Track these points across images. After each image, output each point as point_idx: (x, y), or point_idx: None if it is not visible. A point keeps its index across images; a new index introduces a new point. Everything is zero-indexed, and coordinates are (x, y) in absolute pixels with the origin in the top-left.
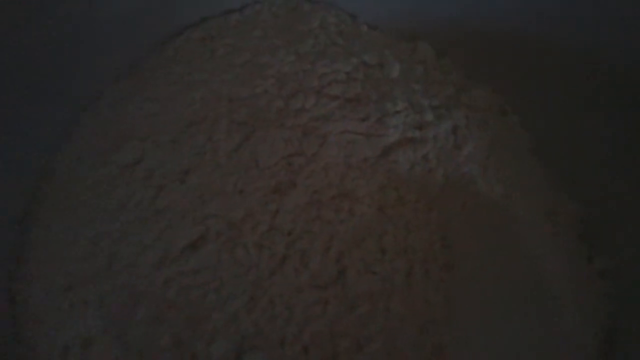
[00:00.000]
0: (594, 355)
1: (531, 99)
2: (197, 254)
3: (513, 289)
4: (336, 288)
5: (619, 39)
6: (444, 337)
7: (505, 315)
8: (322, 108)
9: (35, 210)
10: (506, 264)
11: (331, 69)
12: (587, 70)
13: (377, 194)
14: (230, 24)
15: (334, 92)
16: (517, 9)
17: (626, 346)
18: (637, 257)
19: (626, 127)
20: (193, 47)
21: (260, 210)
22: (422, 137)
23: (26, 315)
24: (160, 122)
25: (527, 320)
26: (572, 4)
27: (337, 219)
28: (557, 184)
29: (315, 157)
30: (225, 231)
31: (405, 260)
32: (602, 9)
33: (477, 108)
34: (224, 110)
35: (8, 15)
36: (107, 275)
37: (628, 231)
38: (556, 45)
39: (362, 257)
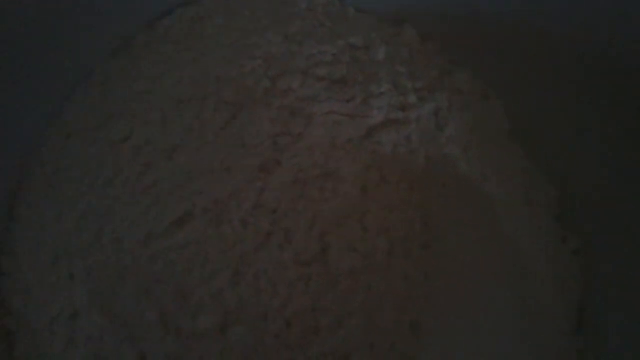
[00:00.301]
0: (567, 327)
1: (513, 84)
2: (183, 230)
3: (490, 267)
4: (319, 265)
5: (600, 27)
6: (423, 313)
7: (482, 292)
8: (308, 89)
9: (25, 185)
10: (484, 243)
11: (318, 50)
12: (568, 56)
13: (360, 174)
14: (220, 4)
15: (320, 74)
16: None
17: (596, 318)
18: (607, 236)
19: (603, 114)
20: (183, 27)
21: (246, 188)
22: (405, 119)
23: (14, 288)
24: (150, 100)
25: (504, 296)
26: None
27: (321, 198)
28: (535, 168)
29: (300, 137)
30: (211, 208)
31: (386, 238)
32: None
33: (459, 91)
34: (212, 90)
35: None
36: (94, 250)
37: (600, 213)
38: (538, 32)
39: (345, 235)
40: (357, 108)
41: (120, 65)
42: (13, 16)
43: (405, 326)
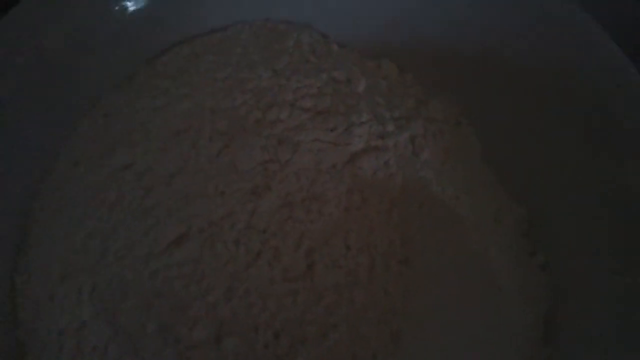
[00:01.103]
0: (536, 336)
1: (484, 111)
2: (181, 249)
3: (463, 281)
4: (305, 281)
5: (571, 55)
6: (402, 324)
7: (456, 305)
8: (295, 119)
9: (36, 209)
10: (456, 258)
11: (304, 84)
12: (536, 84)
13: (343, 197)
14: (214, 42)
15: (306, 105)
16: (472, 30)
17: (564, 330)
18: (573, 252)
19: (569, 137)
20: (180, 63)
21: (239, 210)
22: (384, 146)
23: (26, 303)
24: (150, 130)
25: (476, 309)
26: (520, 23)
27: (308, 219)
28: (505, 189)
29: (288, 163)
30: (206, 229)
31: (367, 255)
32: (546, 27)
33: (434, 119)
34: (206, 121)
35: (9, 32)
36: (99, 267)
37: (566, 230)
38: (507, 63)
39: (329, 253)
40: (340, 136)
41: (122, 98)
42: (26, 52)
43: (386, 336)
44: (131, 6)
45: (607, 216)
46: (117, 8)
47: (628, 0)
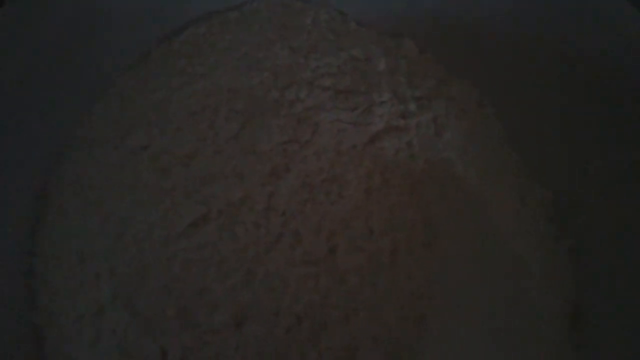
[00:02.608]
0: (563, 323)
1: (506, 92)
2: (199, 232)
3: (487, 266)
4: (327, 264)
5: (590, 36)
6: (426, 309)
7: (480, 289)
8: (314, 99)
9: (51, 191)
10: (480, 242)
11: (323, 62)
12: (560, 64)
13: (364, 178)
14: (230, 20)
15: (325, 84)
16: (494, 9)
17: (591, 317)
18: (600, 237)
19: (595, 118)
20: (196, 41)
21: (258, 192)
22: (405, 126)
23: (43, 287)
24: (166, 110)
25: (501, 293)
26: (545, 3)
27: (328, 201)
28: (529, 171)
29: (308, 143)
30: (225, 211)
31: (390, 238)
32: (574, 6)
33: (456, 100)
34: (223, 100)
35: (23, 13)
36: (117, 250)
37: (593, 214)
38: (530, 42)
39: (351, 235)
40: (360, 116)
41: (138, 78)
42: (42, 35)
43: (409, 321)
44: None
45: (636, 198)
46: None
47: None
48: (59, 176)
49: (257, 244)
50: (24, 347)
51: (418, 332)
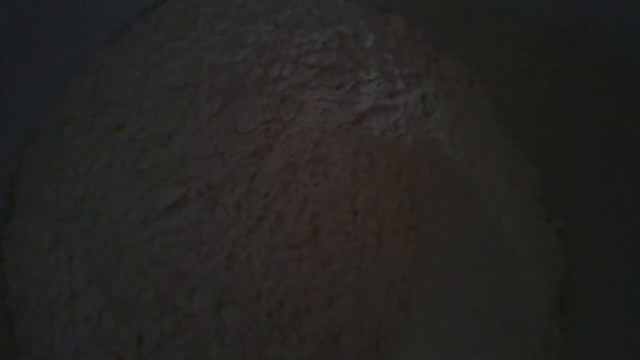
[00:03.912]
0: (550, 305)
1: (497, 70)
2: (179, 214)
3: (475, 247)
4: (310, 247)
5: (584, 13)
6: (411, 292)
7: (467, 272)
8: (299, 76)
9: (23, 171)
10: (468, 224)
11: (308, 38)
12: (552, 43)
13: (350, 159)
14: None
15: (310, 61)
16: None
17: (578, 300)
18: (590, 218)
19: (587, 98)
20: (176, 16)
21: (239, 173)
22: (393, 105)
23: (14, 271)
24: (144, 88)
25: (487, 275)
26: None
27: (312, 182)
28: (519, 151)
29: (292, 123)
30: (205, 192)
31: (375, 220)
32: None
33: (445, 78)
34: (204, 77)
35: None
36: (92, 233)
37: (583, 195)
38: (522, 19)
39: (335, 218)
40: (347, 95)
41: (114, 54)
42: (9, 7)
43: (394, 304)
44: None
45: (626, 180)
46: None
47: None
48: (31, 156)
49: (238, 226)
50: None
51: (403, 316)
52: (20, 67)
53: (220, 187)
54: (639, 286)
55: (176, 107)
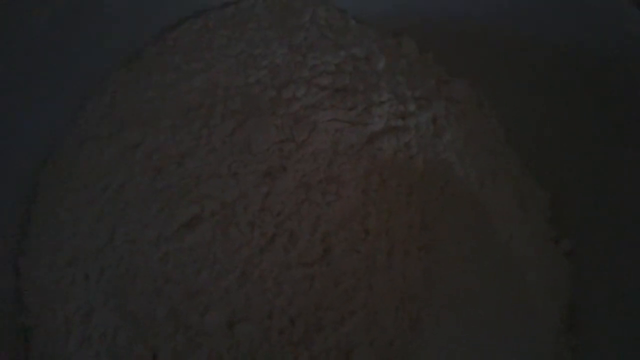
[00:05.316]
0: (560, 325)
1: (506, 93)
2: (192, 232)
3: (484, 268)
4: (322, 265)
5: (591, 38)
6: (421, 312)
7: (477, 293)
8: (312, 98)
9: (41, 190)
10: (478, 245)
11: (321, 60)
12: (559, 66)
13: (362, 179)
14: (226, 16)
15: (323, 83)
16: (495, 9)
17: (588, 316)
18: (599, 239)
19: (595, 120)
20: (192, 38)
21: (253, 192)
22: (404, 126)
23: (31, 288)
24: (160, 108)
25: (498, 296)
26: (545, 4)
27: (324, 202)
28: (529, 172)
29: (304, 143)
30: (219, 211)
31: (386, 240)
32: (574, 6)
33: (455, 100)
34: (219, 98)
35: (14, 7)
36: (108, 251)
37: (592, 216)
38: (531, 43)
39: (347, 237)
40: (359, 116)
41: (131, 75)
42: (32, 28)
43: (405, 323)
44: None
45: (636, 201)
46: None
47: None
48: (49, 174)
49: (251, 244)
50: (11, 348)
51: (413, 335)
52: (38, 87)
53: (233, 206)
54: None
55: (191, 127)
